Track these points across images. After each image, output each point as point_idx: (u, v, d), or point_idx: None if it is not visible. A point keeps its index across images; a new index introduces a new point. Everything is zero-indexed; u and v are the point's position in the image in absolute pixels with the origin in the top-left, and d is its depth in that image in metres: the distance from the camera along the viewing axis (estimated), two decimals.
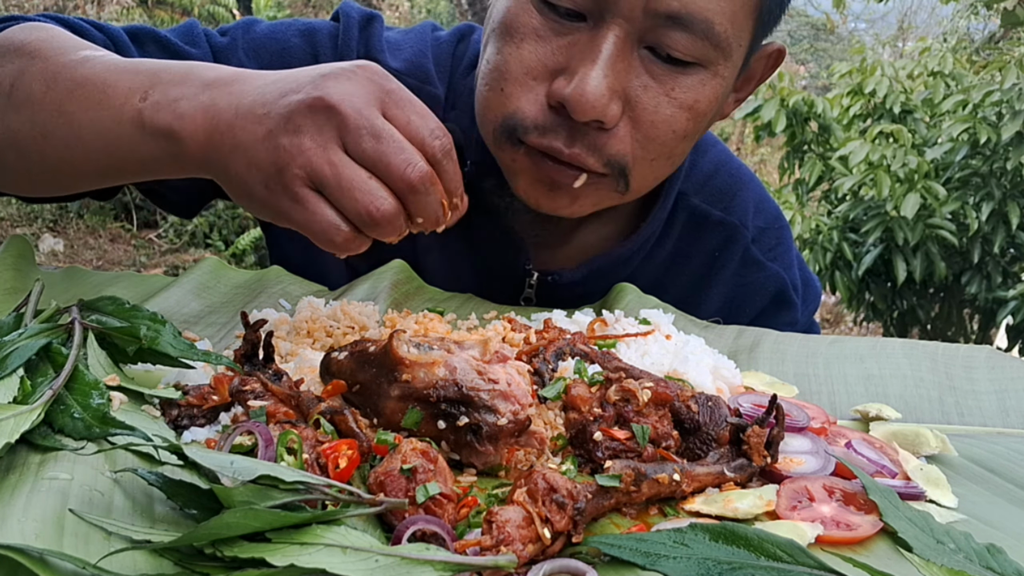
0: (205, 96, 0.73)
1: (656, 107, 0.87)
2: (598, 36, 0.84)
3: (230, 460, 0.48)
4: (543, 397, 0.68)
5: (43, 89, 0.79)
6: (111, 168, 0.79)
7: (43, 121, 0.79)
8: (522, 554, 0.48)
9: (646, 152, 0.90)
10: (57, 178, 0.84)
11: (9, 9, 6.50)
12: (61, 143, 0.79)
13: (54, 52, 0.82)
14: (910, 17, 11.07)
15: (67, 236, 5.85)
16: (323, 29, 1.08)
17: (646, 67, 0.86)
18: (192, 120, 0.72)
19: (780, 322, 1.18)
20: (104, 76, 0.78)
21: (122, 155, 0.77)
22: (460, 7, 7.03)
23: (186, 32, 1.06)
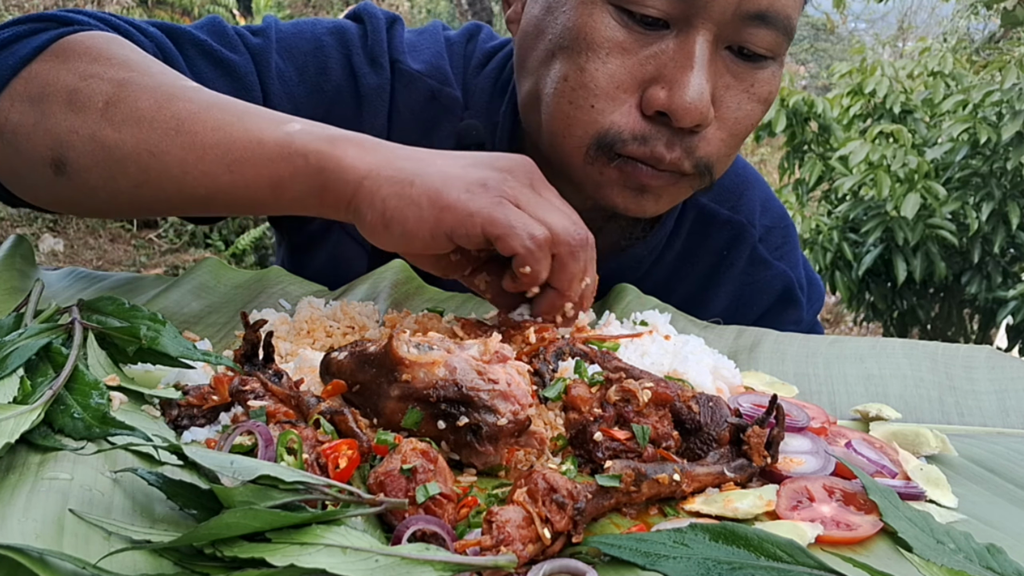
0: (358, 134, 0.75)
1: (739, 105, 0.89)
2: (687, 42, 0.84)
3: (230, 460, 0.48)
4: (543, 397, 0.68)
5: (154, 107, 0.76)
6: (226, 187, 0.76)
7: (155, 139, 0.75)
8: (522, 554, 0.48)
9: (729, 149, 0.93)
10: (150, 199, 0.80)
11: (9, 9, 6.50)
12: (175, 161, 0.75)
13: (156, 73, 0.80)
14: (910, 17, 11.06)
15: (67, 236, 5.85)
16: (351, 28, 1.07)
17: (727, 67, 0.88)
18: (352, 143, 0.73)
19: (786, 320, 1.18)
20: (235, 103, 0.77)
21: (250, 174, 0.74)
22: (460, 7, 7.03)
23: (219, 33, 1.02)
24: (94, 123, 0.76)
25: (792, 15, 0.86)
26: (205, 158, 0.74)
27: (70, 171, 0.78)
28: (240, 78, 0.98)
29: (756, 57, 0.88)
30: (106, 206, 0.84)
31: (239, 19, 8.07)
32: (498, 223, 0.69)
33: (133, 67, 0.79)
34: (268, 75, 1.00)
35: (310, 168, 0.73)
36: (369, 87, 1.03)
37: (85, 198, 0.82)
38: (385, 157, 0.73)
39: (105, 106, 0.76)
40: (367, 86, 1.03)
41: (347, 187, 0.72)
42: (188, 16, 7.74)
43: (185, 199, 0.78)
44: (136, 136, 0.75)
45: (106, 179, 0.78)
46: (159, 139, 0.75)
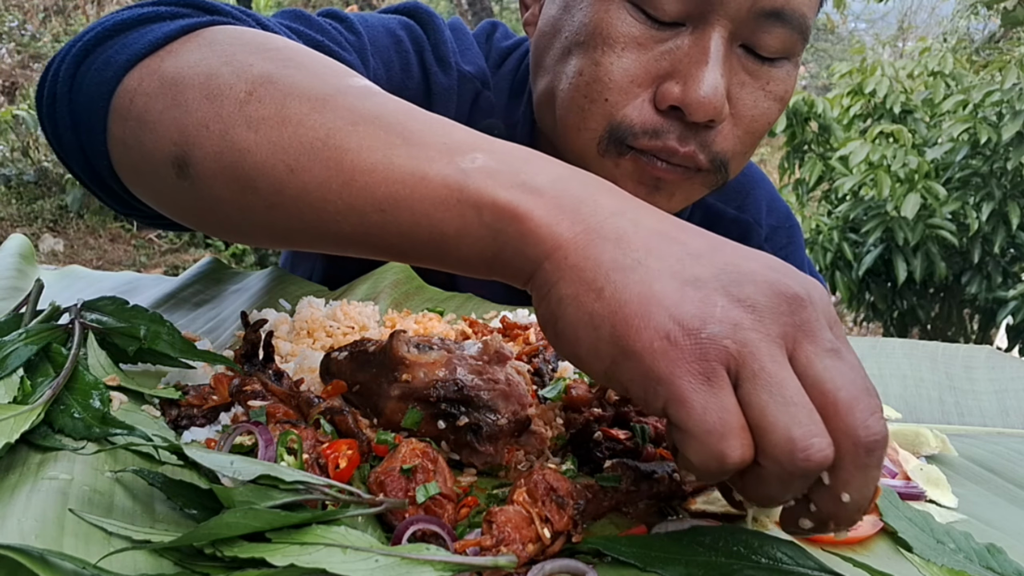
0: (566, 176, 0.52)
1: (755, 102, 0.90)
2: (703, 38, 0.85)
3: (230, 460, 0.48)
4: (543, 397, 0.68)
5: (304, 109, 0.57)
6: (376, 230, 0.55)
7: (294, 149, 0.56)
8: (522, 554, 0.48)
9: (744, 146, 0.93)
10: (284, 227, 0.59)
11: (9, 9, 6.49)
12: (315, 184, 0.55)
13: (316, 67, 0.61)
14: (910, 17, 11.06)
15: (67, 236, 5.85)
16: (415, 27, 1.05)
17: (743, 64, 0.88)
18: (548, 197, 0.50)
19: None
20: (404, 118, 0.56)
21: (407, 217, 0.53)
22: (460, 7, 7.03)
23: (322, 30, 0.91)
24: (228, 117, 0.59)
25: (808, 14, 0.87)
26: (352, 185, 0.55)
27: (194, 174, 0.60)
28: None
29: (772, 56, 0.88)
30: (237, 227, 0.64)
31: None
32: (688, 411, 0.44)
33: (290, 60, 0.62)
34: (367, 75, 0.92)
35: (482, 227, 0.51)
36: (440, 87, 1.02)
37: (210, 211, 0.63)
38: (586, 229, 0.49)
39: (246, 98, 0.59)
40: (439, 85, 1.02)
41: (526, 263, 0.51)
42: None
43: (326, 234, 0.58)
44: (274, 142, 0.57)
45: (233, 191, 0.59)
46: (299, 151, 0.56)
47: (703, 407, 0.43)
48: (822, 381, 0.44)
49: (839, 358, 0.45)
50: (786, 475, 0.44)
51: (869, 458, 0.44)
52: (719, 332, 0.44)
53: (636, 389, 0.46)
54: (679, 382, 0.44)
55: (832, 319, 0.47)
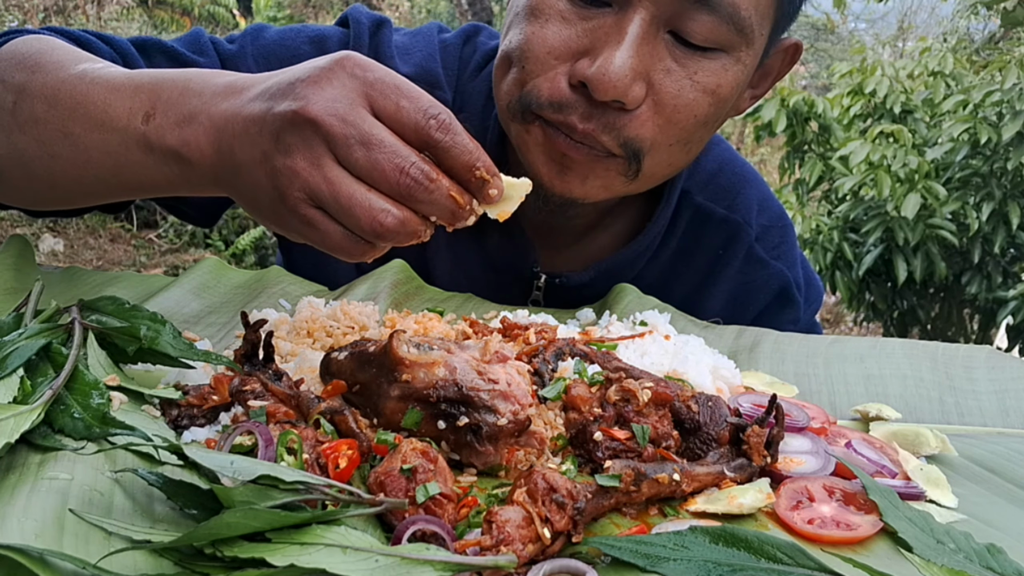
0: (204, 116, 0.70)
1: (679, 91, 0.88)
2: (624, 19, 0.84)
3: (230, 460, 0.48)
4: (543, 397, 0.68)
5: (45, 108, 0.78)
6: (122, 187, 0.78)
7: (49, 141, 0.77)
8: (522, 554, 0.48)
9: (665, 136, 0.91)
10: (67, 196, 0.83)
11: (9, 9, 6.50)
12: (69, 164, 0.77)
13: (53, 66, 0.81)
14: (910, 17, 11.06)
15: (67, 236, 5.85)
16: (333, 36, 1.08)
17: (669, 51, 0.87)
18: (197, 144, 0.70)
19: (783, 320, 1.18)
20: (104, 95, 0.76)
21: (133, 176, 0.75)
22: (460, 7, 7.03)
23: (193, 41, 1.05)
24: (7, 127, 0.80)
25: (741, 6, 0.84)
26: (91, 162, 0.76)
27: (2, 175, 0.83)
28: None
29: (702, 45, 0.86)
30: (40, 201, 0.88)
31: (239, 19, 8.07)
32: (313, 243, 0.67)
33: (40, 60, 0.82)
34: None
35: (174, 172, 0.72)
36: None
37: (20, 195, 0.87)
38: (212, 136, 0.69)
39: (13, 107, 0.79)
40: None
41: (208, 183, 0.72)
42: (188, 16, 7.74)
43: (93, 194, 0.81)
44: (36, 139, 0.78)
45: (24, 178, 0.82)
46: (52, 142, 0.77)
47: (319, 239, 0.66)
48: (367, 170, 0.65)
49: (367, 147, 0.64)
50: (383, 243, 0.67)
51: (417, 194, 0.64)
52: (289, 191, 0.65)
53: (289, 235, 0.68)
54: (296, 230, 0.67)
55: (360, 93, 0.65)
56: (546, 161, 0.93)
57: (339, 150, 0.64)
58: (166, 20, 7.59)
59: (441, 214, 0.66)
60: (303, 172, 0.64)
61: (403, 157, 0.64)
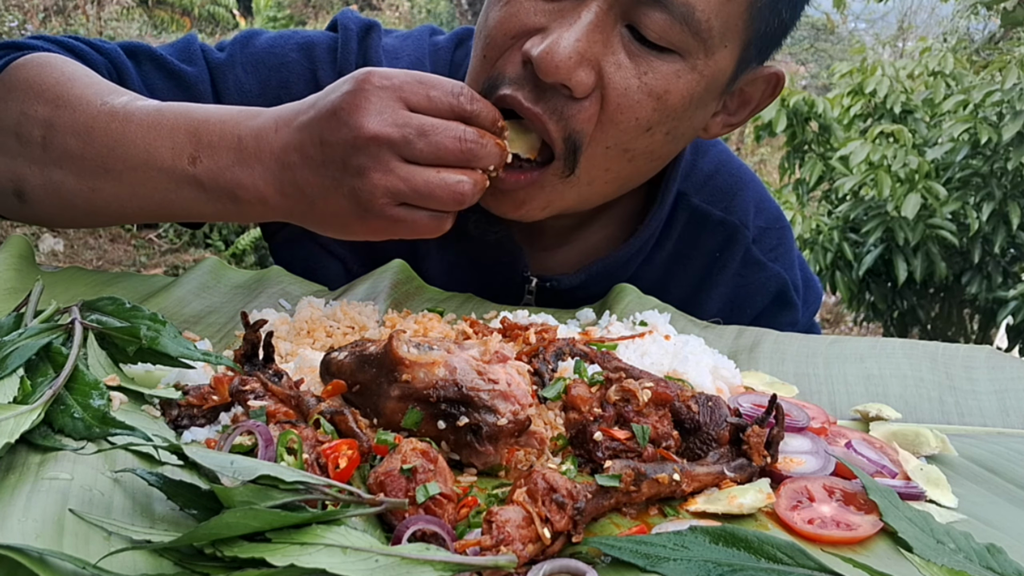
0: (254, 161, 0.79)
1: (626, 88, 0.86)
2: (581, 5, 0.84)
3: (230, 460, 0.48)
4: (543, 397, 0.68)
5: (80, 145, 0.83)
6: (169, 217, 0.87)
7: (90, 176, 0.84)
8: (522, 554, 0.48)
9: (605, 135, 0.89)
10: (106, 223, 0.91)
11: (9, 9, 6.50)
12: (112, 196, 0.84)
13: (77, 100, 0.86)
14: (910, 17, 11.06)
15: (67, 236, 5.85)
16: (322, 43, 1.09)
17: (624, 45, 0.85)
18: (255, 187, 0.79)
19: (781, 322, 1.17)
20: (141, 135, 0.82)
21: (182, 210, 0.83)
22: (460, 7, 7.03)
23: (183, 49, 1.07)
24: (39, 160, 0.85)
25: (697, 7, 0.83)
26: (136, 196, 0.83)
27: (29, 200, 0.88)
28: (189, 87, 1.04)
29: (656, 43, 0.85)
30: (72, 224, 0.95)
31: (239, 19, 8.07)
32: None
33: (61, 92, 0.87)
34: (225, 87, 1.06)
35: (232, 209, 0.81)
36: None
37: (50, 220, 0.93)
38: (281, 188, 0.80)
39: (43, 141, 0.85)
40: None
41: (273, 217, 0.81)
42: (188, 16, 7.74)
43: (135, 220, 0.90)
44: (74, 174, 0.84)
45: (60, 209, 0.88)
46: (92, 177, 0.84)
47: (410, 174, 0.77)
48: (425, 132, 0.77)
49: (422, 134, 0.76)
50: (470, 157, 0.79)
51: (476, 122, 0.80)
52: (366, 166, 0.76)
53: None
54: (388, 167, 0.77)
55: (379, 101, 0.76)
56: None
57: (403, 150, 0.75)
58: (166, 20, 7.59)
59: (497, 162, 0.80)
60: (380, 181, 0.75)
61: (457, 130, 0.77)
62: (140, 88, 1.00)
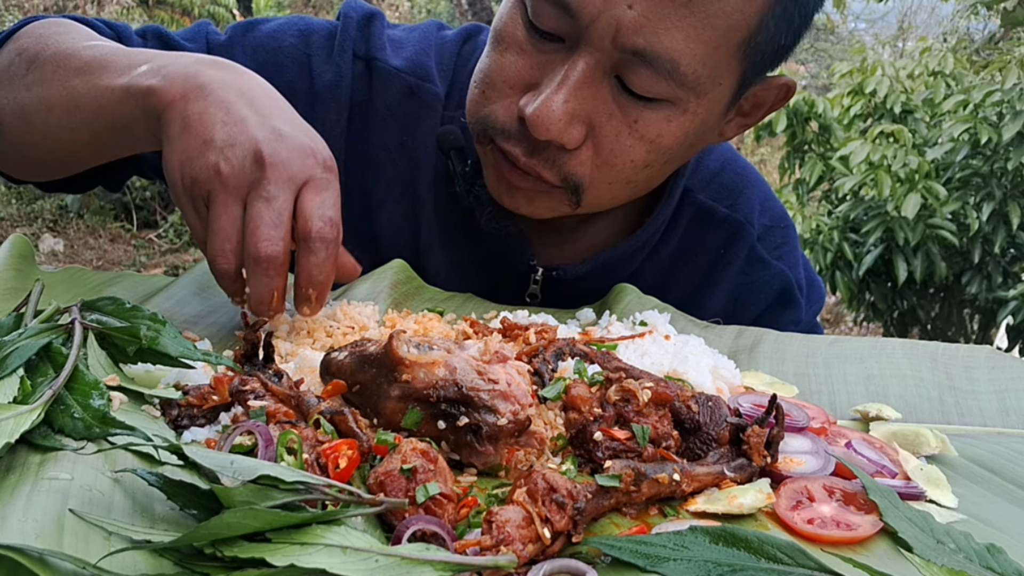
0: (195, 67, 0.80)
1: (617, 136, 0.89)
2: (569, 60, 0.85)
3: (230, 460, 0.48)
4: (543, 397, 0.68)
5: (53, 69, 0.89)
6: (98, 133, 0.87)
7: (49, 96, 0.89)
8: (522, 554, 0.48)
9: (603, 176, 0.92)
10: (56, 150, 0.93)
11: (9, 9, 6.50)
12: (63, 112, 0.88)
13: (68, 39, 0.93)
14: (910, 17, 11.06)
15: (67, 236, 5.85)
16: (321, 30, 1.10)
17: (614, 96, 0.87)
18: (171, 83, 0.79)
19: (784, 320, 1.18)
20: (109, 55, 0.87)
21: (108, 116, 0.84)
22: (460, 7, 7.03)
23: (191, 30, 1.10)
24: (16, 88, 0.92)
25: (681, 62, 0.82)
26: (80, 107, 0.86)
27: (4, 130, 0.94)
28: None
29: (644, 95, 0.86)
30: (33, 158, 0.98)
31: (239, 19, 8.07)
32: (188, 224, 0.79)
33: (57, 38, 0.94)
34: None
35: (139, 109, 0.81)
36: (323, 85, 1.07)
37: (15, 152, 0.97)
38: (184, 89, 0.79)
39: (25, 73, 0.92)
40: (321, 84, 1.07)
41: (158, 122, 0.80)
42: (188, 16, 7.75)
43: (78, 146, 0.90)
44: (39, 94, 0.90)
45: (23, 132, 0.92)
46: (52, 95, 0.88)
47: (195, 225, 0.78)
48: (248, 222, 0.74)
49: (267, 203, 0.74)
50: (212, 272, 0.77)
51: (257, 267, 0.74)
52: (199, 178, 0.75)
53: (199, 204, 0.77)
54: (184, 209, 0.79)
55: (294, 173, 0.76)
56: (496, 180, 0.97)
57: (253, 192, 0.75)
58: (166, 20, 7.59)
59: (255, 294, 0.76)
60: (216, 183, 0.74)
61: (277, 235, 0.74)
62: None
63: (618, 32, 0.81)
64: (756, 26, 0.84)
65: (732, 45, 0.84)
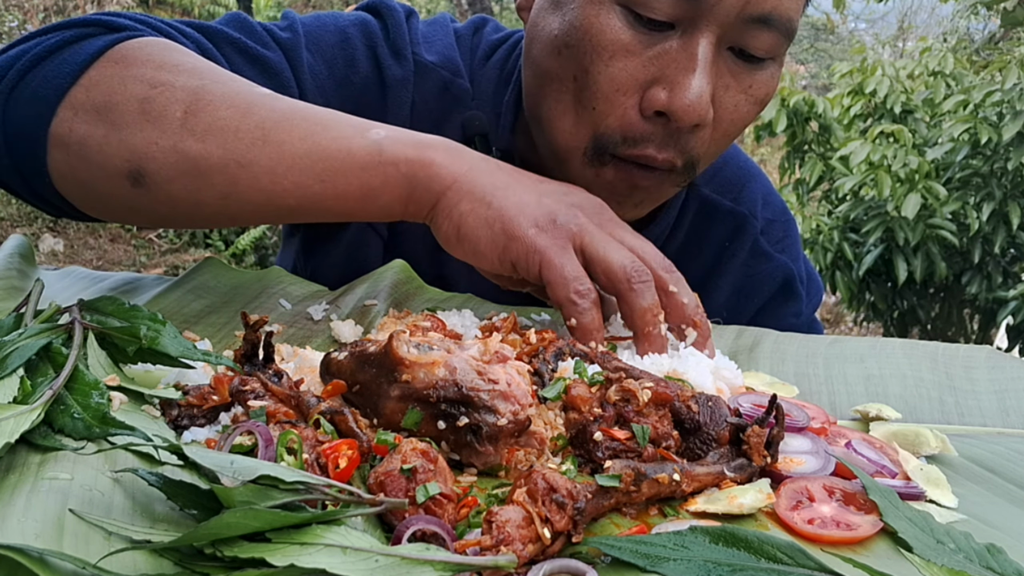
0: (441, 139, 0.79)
1: (736, 106, 0.90)
2: (691, 43, 0.85)
3: (230, 460, 0.48)
4: (543, 397, 0.68)
5: (236, 116, 0.75)
6: (317, 197, 0.77)
7: (241, 149, 0.75)
8: (522, 554, 0.48)
9: (718, 147, 0.94)
10: (236, 210, 0.79)
11: (9, 9, 6.49)
12: (264, 172, 0.75)
13: (227, 80, 0.79)
14: (910, 17, 11.06)
15: (67, 236, 5.85)
16: (371, 22, 1.07)
17: (729, 68, 0.88)
18: (439, 149, 0.77)
19: (786, 312, 1.18)
20: (311, 110, 0.78)
21: (341, 184, 0.76)
22: (460, 6, 7.03)
23: (249, 30, 1.01)
24: (175, 134, 0.75)
25: (794, 17, 0.87)
26: (295, 168, 0.75)
27: (149, 183, 0.76)
28: (276, 75, 0.98)
29: (757, 58, 0.88)
30: (187, 217, 0.82)
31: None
32: (553, 269, 0.73)
33: (203, 74, 0.78)
34: (300, 70, 1.00)
35: (400, 176, 0.76)
36: (394, 78, 1.05)
37: (166, 209, 0.80)
38: (470, 167, 0.77)
39: (184, 116, 0.75)
40: (392, 77, 1.05)
41: (431, 196, 0.77)
42: (188, 16, 7.74)
43: (273, 209, 0.78)
44: (222, 147, 0.75)
45: (190, 191, 0.77)
46: (246, 149, 0.75)
47: (562, 263, 0.74)
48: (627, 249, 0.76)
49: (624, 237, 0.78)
50: (622, 287, 0.74)
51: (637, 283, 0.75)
52: (566, 220, 0.76)
53: (521, 262, 0.75)
54: (549, 251, 0.74)
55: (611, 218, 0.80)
56: (609, 196, 0.91)
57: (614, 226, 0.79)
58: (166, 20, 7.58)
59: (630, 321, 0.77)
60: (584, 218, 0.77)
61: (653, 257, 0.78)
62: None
63: (747, 3, 0.83)
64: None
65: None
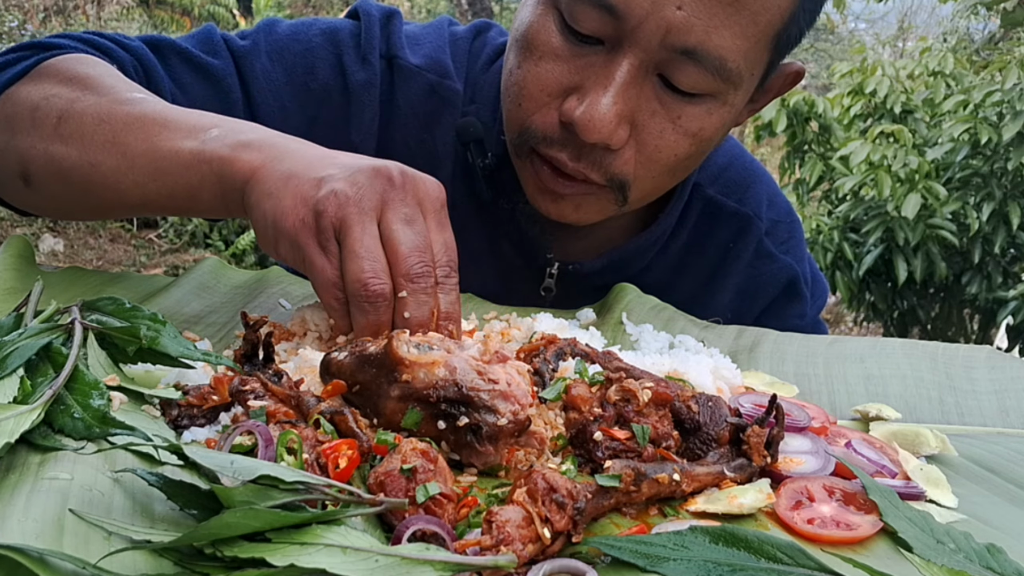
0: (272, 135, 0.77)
1: (661, 133, 0.89)
2: (613, 62, 0.85)
3: (230, 460, 0.48)
4: (543, 397, 0.68)
5: (94, 123, 0.82)
6: (153, 195, 0.81)
7: (93, 152, 0.81)
8: (522, 554, 0.48)
9: (648, 171, 0.93)
10: (98, 205, 0.87)
11: (9, 9, 6.50)
12: (110, 171, 0.81)
13: (106, 89, 0.85)
14: (910, 17, 11.06)
15: (67, 236, 5.85)
16: (344, 28, 1.09)
17: (656, 94, 0.88)
18: (253, 147, 0.75)
19: (790, 314, 1.19)
20: (165, 114, 0.81)
21: (170, 183, 0.79)
22: (460, 7, 7.03)
23: (205, 40, 1.06)
24: (48, 139, 0.84)
25: (728, 58, 0.84)
26: (135, 168, 0.80)
27: (34, 183, 0.87)
28: (218, 81, 1.02)
29: (687, 91, 0.87)
30: (68, 211, 0.96)
31: (239, 19, 8.07)
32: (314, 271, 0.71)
33: (89, 84, 0.86)
34: (252, 76, 1.04)
35: (212, 175, 0.76)
36: (357, 83, 1.06)
37: (51, 204, 0.93)
38: (271, 158, 0.74)
39: (57, 122, 0.84)
40: (355, 83, 1.06)
41: (237, 192, 0.75)
42: (188, 16, 7.74)
43: (126, 206, 0.85)
44: (79, 150, 0.82)
45: (60, 188, 0.86)
46: (96, 152, 0.81)
47: (322, 265, 0.70)
48: (393, 240, 0.70)
49: (408, 224, 0.71)
50: (358, 302, 0.69)
51: (416, 285, 0.69)
52: (333, 210, 0.69)
53: (290, 258, 0.72)
54: (307, 249, 0.70)
55: (423, 197, 0.73)
56: (539, 192, 0.97)
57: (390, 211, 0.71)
58: (166, 20, 7.59)
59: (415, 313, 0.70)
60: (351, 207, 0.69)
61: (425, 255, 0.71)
62: (168, 83, 1.00)
63: (668, 33, 0.82)
64: (789, 17, 0.86)
65: (768, 37, 0.87)
